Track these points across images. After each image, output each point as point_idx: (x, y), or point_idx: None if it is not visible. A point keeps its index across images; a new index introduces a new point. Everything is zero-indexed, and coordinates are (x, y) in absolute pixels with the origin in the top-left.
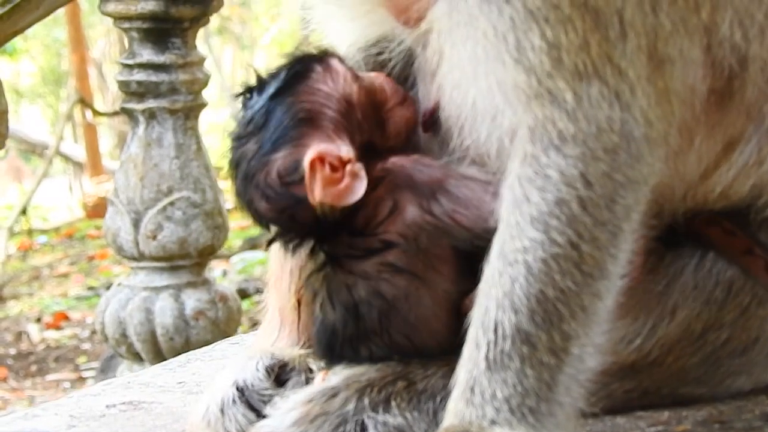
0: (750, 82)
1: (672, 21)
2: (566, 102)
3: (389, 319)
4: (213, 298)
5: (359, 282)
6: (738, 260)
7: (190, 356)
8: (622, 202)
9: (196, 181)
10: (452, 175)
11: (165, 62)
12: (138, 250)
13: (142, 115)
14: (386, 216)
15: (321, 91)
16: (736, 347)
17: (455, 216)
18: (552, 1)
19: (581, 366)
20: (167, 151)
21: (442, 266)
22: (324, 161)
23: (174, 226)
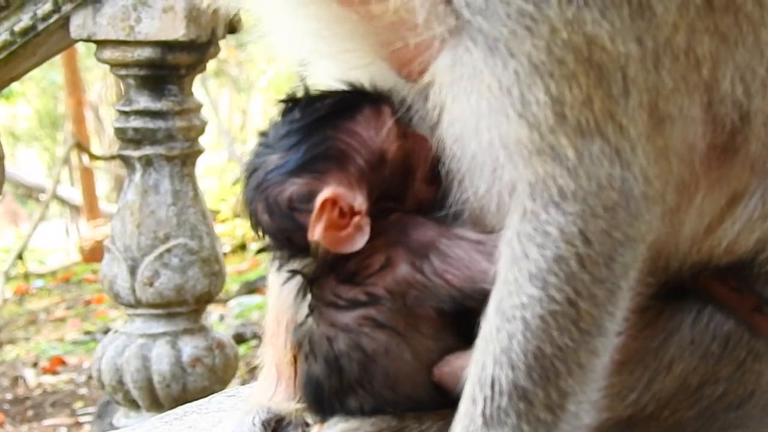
0: (753, 136)
1: (673, 79)
2: (568, 158)
3: (370, 373)
4: (210, 345)
5: (340, 335)
6: (745, 318)
7: (186, 409)
8: (620, 260)
9: (193, 227)
10: (446, 235)
11: (162, 109)
12: (135, 297)
13: (139, 161)
14: (377, 270)
15: (360, 137)
16: (732, 401)
17: (445, 276)
18: (557, 55)
19: (577, 422)
20: (164, 197)
21: (424, 326)
22: (336, 204)
23: (171, 273)
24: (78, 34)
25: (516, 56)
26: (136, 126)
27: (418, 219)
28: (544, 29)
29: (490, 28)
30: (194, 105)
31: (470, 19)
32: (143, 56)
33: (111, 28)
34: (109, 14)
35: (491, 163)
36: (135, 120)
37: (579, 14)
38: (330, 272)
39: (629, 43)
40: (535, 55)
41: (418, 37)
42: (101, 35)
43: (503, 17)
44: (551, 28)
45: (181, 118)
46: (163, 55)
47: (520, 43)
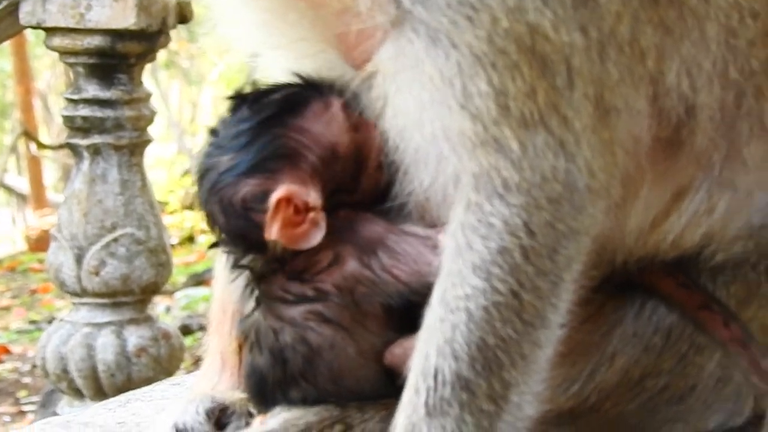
0: (699, 130)
1: (619, 70)
2: (512, 150)
3: (314, 366)
4: (155, 335)
5: (286, 328)
6: (693, 315)
7: (130, 396)
8: (564, 252)
9: (141, 217)
10: (393, 231)
11: (110, 98)
12: (81, 286)
13: (87, 150)
14: (326, 266)
15: (310, 133)
16: (674, 394)
17: (393, 271)
18: (499, 46)
19: (520, 413)
20: (111, 187)
21: (369, 322)
22: (290, 202)
23: (117, 262)
24: (27, 20)
25: (457, 47)
26: (85, 114)
27: (367, 215)
28: (485, 18)
29: (430, 18)
30: (143, 94)
31: (411, 8)
32: (93, 44)
33: (61, 15)
34: (59, 1)
35: (435, 155)
36: (84, 108)
37: (520, 3)
38: (279, 268)
39: (573, 32)
40: (477, 45)
41: (361, 25)
42: (51, 22)
43: (443, 7)
44: (492, 18)
45: (130, 108)
46: (112, 44)
47: (461, 33)
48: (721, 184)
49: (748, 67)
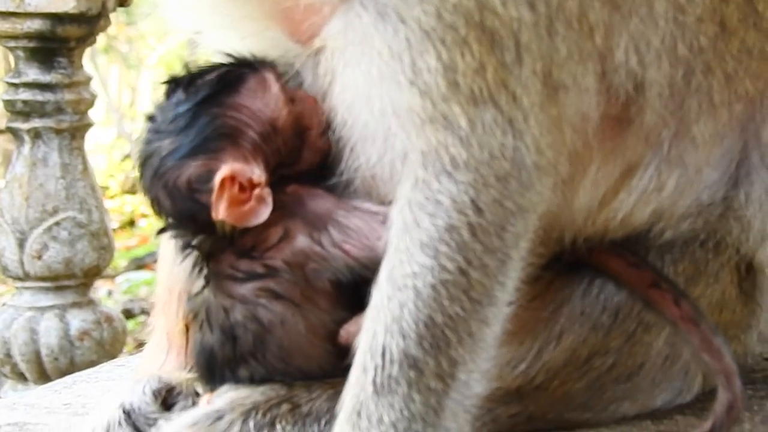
0: (648, 107)
1: (567, 46)
2: (460, 127)
3: (264, 344)
4: (98, 318)
5: (237, 305)
6: (644, 294)
7: (76, 378)
8: (511, 230)
9: (82, 201)
10: (343, 207)
11: (51, 82)
12: (23, 270)
13: (28, 134)
14: (275, 242)
15: (248, 110)
16: (622, 373)
17: (344, 246)
18: (447, 21)
19: (468, 392)
20: (53, 171)
21: (320, 298)
22: (235, 180)
23: (59, 246)
24: None
25: (406, 22)
26: (25, 98)
27: (316, 191)
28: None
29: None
30: (84, 78)
31: None
32: (33, 28)
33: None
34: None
35: (383, 132)
36: (24, 92)
37: None
38: (227, 246)
39: (521, 7)
40: (425, 20)
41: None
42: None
43: None
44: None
45: (70, 91)
46: (52, 28)
47: (410, 8)
48: (671, 162)
49: (696, 44)
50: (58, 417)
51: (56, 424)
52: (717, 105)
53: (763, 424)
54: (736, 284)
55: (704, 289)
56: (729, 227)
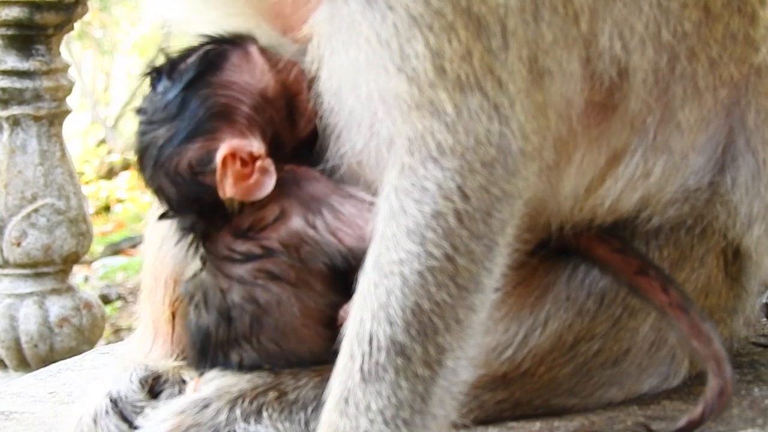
0: (632, 93)
1: (553, 32)
2: (446, 114)
3: (260, 325)
4: (77, 305)
5: (234, 286)
6: (631, 281)
7: (61, 366)
8: (498, 216)
9: (61, 188)
10: (338, 192)
11: (29, 69)
12: (2, 257)
13: (7, 122)
14: (271, 222)
15: (236, 85)
16: (608, 358)
17: (338, 233)
18: (435, 7)
19: (455, 378)
20: (31, 158)
21: (314, 280)
22: (236, 157)
23: (38, 233)
24: None
25: (394, 8)
26: (4, 86)
27: (312, 172)
28: None
29: None
30: (61, 65)
31: None
32: (11, 16)
33: None
34: None
35: (369, 118)
36: (2, 80)
37: None
38: (223, 227)
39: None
40: (413, 6)
41: None
42: None
43: None
44: None
45: (48, 78)
46: (30, 15)
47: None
48: (657, 148)
49: (680, 29)
50: (44, 405)
51: (42, 412)
52: (702, 90)
53: (750, 408)
54: (722, 268)
55: (690, 274)
56: (716, 212)
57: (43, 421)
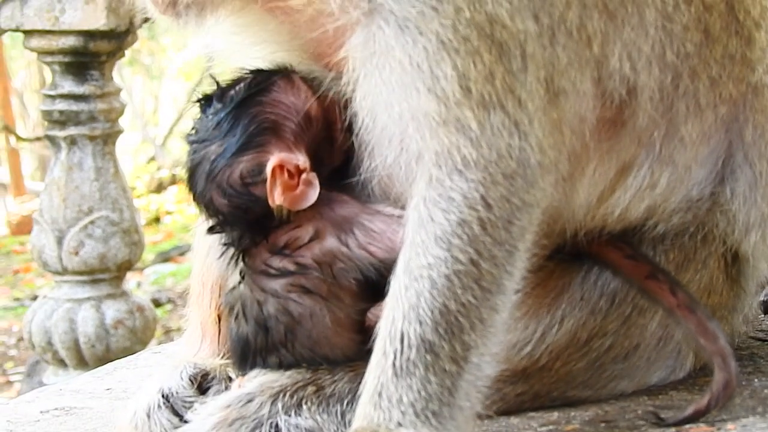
0: (640, 110)
1: (567, 55)
2: (471, 130)
3: (294, 335)
4: (131, 308)
5: (269, 299)
6: (641, 284)
7: (117, 365)
8: (518, 224)
9: (114, 201)
10: (366, 211)
11: (84, 93)
12: (62, 265)
13: (64, 141)
14: (306, 242)
15: (283, 104)
16: (619, 353)
17: (369, 248)
18: (462, 33)
19: (479, 373)
20: (87, 174)
21: (344, 294)
22: (284, 168)
23: (94, 242)
24: (7, 24)
25: (425, 34)
26: (61, 109)
27: (342, 196)
28: (449, 9)
29: (400, 9)
30: (114, 89)
31: (381, 1)
32: (67, 44)
33: (37, 18)
34: (35, 6)
35: (400, 134)
36: (60, 103)
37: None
38: (261, 244)
39: (527, 20)
40: (443, 32)
41: (335, 23)
42: (28, 25)
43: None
44: (456, 8)
45: (102, 101)
46: (85, 43)
47: (429, 21)
48: (662, 161)
49: (683, 50)
50: (101, 401)
51: (100, 407)
52: (703, 107)
53: (751, 397)
54: (723, 270)
55: (693, 275)
56: (716, 220)
57: (101, 415)
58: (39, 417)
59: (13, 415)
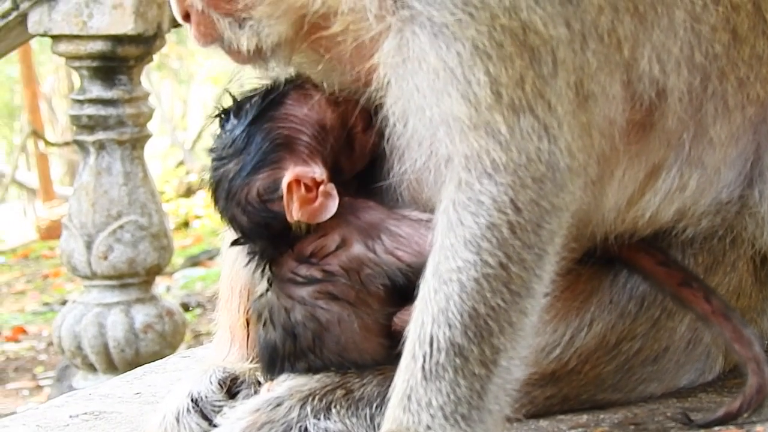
0: (670, 112)
1: (597, 59)
2: (501, 134)
3: (322, 340)
4: (160, 312)
5: (297, 306)
6: (674, 291)
7: (146, 369)
8: (547, 227)
9: (143, 205)
10: (392, 216)
11: (113, 97)
12: (91, 270)
13: (93, 146)
14: (333, 250)
15: (296, 117)
16: (648, 356)
17: (396, 253)
18: (497, 39)
19: (509, 376)
20: (116, 178)
21: (372, 299)
22: (300, 183)
23: (123, 247)
24: (35, 29)
25: (460, 40)
26: (90, 113)
27: (368, 203)
28: (486, 16)
29: (438, 15)
30: (142, 93)
31: (421, 9)
32: (95, 49)
33: (65, 23)
34: (63, 11)
35: (429, 138)
36: (88, 108)
37: (515, 2)
38: (287, 252)
39: (559, 27)
40: (478, 38)
41: (370, 33)
42: (57, 30)
43: (450, 6)
44: (492, 15)
45: (130, 106)
46: (113, 48)
47: (465, 28)
48: (691, 163)
49: (711, 51)
50: (130, 406)
51: (129, 412)
52: (731, 108)
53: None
54: (752, 273)
55: (722, 278)
56: (744, 223)
57: (130, 420)
58: (68, 421)
59: (43, 420)
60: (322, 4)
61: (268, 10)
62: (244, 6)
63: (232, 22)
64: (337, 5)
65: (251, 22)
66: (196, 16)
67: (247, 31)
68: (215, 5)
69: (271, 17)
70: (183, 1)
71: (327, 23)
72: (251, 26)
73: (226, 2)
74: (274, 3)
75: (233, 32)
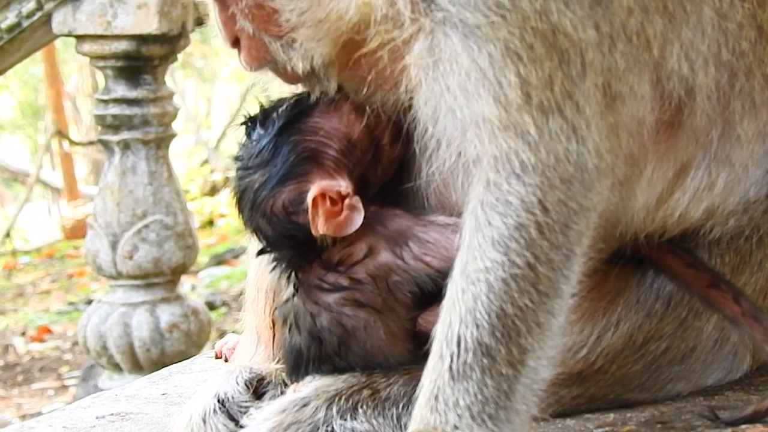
0: (698, 110)
1: (626, 60)
2: (530, 135)
3: (347, 346)
4: (185, 312)
5: (322, 312)
6: (703, 293)
7: (172, 369)
8: (575, 228)
9: (168, 205)
10: (419, 222)
11: (137, 97)
12: (116, 270)
13: (118, 146)
14: (361, 258)
15: (323, 130)
16: (675, 356)
17: (425, 258)
18: (528, 41)
19: (536, 377)
20: (141, 178)
21: (399, 306)
22: (325, 196)
23: (149, 246)
24: (59, 29)
25: (492, 41)
26: (115, 113)
27: (394, 210)
28: (518, 18)
29: (470, 17)
30: (167, 93)
31: (452, 10)
32: (120, 49)
33: (90, 23)
34: (87, 11)
35: (459, 139)
36: (113, 107)
37: (546, 5)
38: (314, 260)
39: (588, 29)
40: (510, 40)
41: (402, 37)
42: (81, 30)
43: (483, 8)
44: (523, 17)
45: (155, 105)
46: (137, 48)
47: (497, 30)
48: (719, 161)
49: (738, 48)
50: (156, 406)
51: (155, 413)
52: (758, 105)
53: None
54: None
55: (749, 278)
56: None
57: (156, 421)
58: (95, 423)
59: (69, 421)
60: (357, 12)
61: (311, 33)
62: (289, 28)
63: (284, 44)
64: (370, 12)
65: (297, 43)
66: (247, 40)
67: (298, 52)
68: (266, 29)
69: (313, 39)
70: (232, 27)
71: (363, 37)
72: (300, 47)
73: (275, 25)
74: (316, 25)
75: (286, 54)
